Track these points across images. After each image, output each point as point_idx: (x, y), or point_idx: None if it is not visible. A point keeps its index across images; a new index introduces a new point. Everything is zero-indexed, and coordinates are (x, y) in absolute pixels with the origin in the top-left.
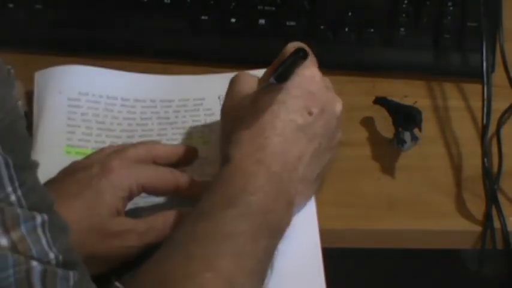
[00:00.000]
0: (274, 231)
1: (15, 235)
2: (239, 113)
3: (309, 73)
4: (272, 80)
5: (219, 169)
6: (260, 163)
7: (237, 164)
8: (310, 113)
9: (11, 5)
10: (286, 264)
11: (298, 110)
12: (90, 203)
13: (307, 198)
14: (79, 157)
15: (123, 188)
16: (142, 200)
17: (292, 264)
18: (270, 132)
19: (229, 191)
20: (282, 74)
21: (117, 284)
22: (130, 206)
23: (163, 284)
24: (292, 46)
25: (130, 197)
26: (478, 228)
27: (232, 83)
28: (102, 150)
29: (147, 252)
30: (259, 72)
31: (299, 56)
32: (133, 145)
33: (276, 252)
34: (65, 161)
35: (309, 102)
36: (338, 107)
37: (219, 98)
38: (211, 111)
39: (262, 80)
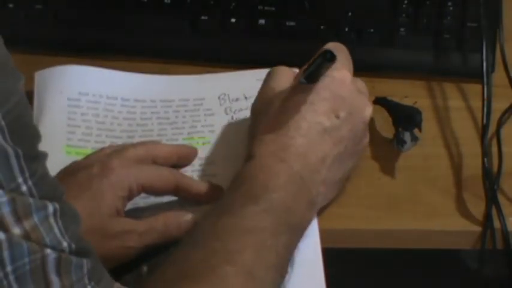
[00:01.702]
0: (295, 228)
1: (27, 224)
2: (268, 111)
3: (339, 75)
4: (302, 79)
5: (242, 165)
6: (283, 162)
7: (259, 161)
8: (337, 116)
9: (11, 5)
10: None
11: (325, 113)
12: (90, 203)
13: (328, 200)
14: (79, 157)
15: (123, 188)
16: (143, 200)
17: (292, 264)
18: (295, 132)
19: (251, 188)
20: (312, 74)
21: (117, 284)
22: (130, 206)
23: (185, 277)
24: (329, 46)
25: (130, 197)
26: (478, 228)
27: (268, 77)
28: (102, 150)
29: (147, 253)
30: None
31: (326, 58)
32: (133, 145)
33: (296, 250)
34: (65, 161)
35: (337, 105)
36: (367, 111)
37: (219, 98)
38: (211, 111)
39: (295, 78)
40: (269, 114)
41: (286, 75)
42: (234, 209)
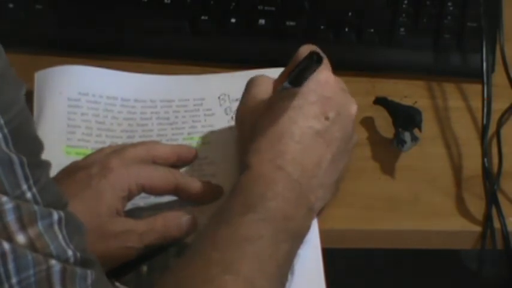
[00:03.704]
0: (294, 236)
1: (32, 232)
2: (256, 120)
3: (323, 77)
4: (286, 84)
5: (239, 176)
6: (280, 170)
7: (256, 170)
8: (326, 118)
9: (11, 5)
10: None
11: (316, 116)
12: (89, 203)
13: (325, 202)
14: (79, 157)
15: (122, 188)
16: (143, 200)
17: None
18: (289, 139)
19: (248, 197)
20: (297, 78)
21: (117, 284)
22: (130, 206)
23: None
24: (305, 49)
25: (129, 197)
26: (478, 228)
27: (248, 87)
28: (101, 150)
29: (147, 253)
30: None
31: (313, 60)
32: (133, 145)
33: (296, 258)
34: (64, 161)
35: (325, 107)
36: (353, 109)
37: (219, 98)
38: (211, 111)
39: (276, 83)
40: (257, 122)
41: (266, 83)
42: (232, 218)
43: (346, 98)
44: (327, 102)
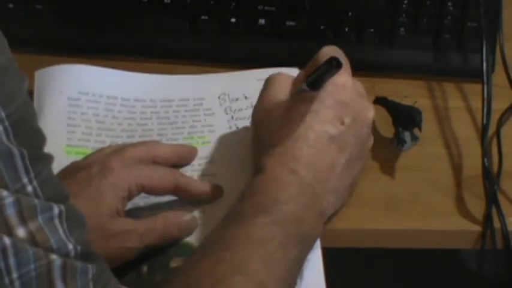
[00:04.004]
0: (304, 240)
1: (32, 226)
2: (272, 121)
3: (341, 81)
4: (304, 86)
5: (252, 178)
6: (293, 174)
7: (270, 173)
8: (342, 123)
9: (11, 5)
10: None
11: (331, 121)
12: (90, 203)
13: (337, 207)
14: (79, 157)
15: (122, 188)
16: (143, 200)
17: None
18: (303, 143)
19: (261, 199)
20: (315, 81)
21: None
22: (130, 206)
23: (193, 287)
24: (326, 51)
25: (129, 197)
26: (478, 228)
27: (267, 85)
28: (101, 150)
29: (147, 253)
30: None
31: (332, 65)
32: (133, 145)
33: (305, 262)
34: (64, 161)
35: (341, 112)
36: (370, 114)
37: (219, 97)
38: (211, 111)
39: (295, 83)
40: (274, 125)
41: (285, 82)
42: (244, 219)
43: (363, 103)
44: (343, 107)
